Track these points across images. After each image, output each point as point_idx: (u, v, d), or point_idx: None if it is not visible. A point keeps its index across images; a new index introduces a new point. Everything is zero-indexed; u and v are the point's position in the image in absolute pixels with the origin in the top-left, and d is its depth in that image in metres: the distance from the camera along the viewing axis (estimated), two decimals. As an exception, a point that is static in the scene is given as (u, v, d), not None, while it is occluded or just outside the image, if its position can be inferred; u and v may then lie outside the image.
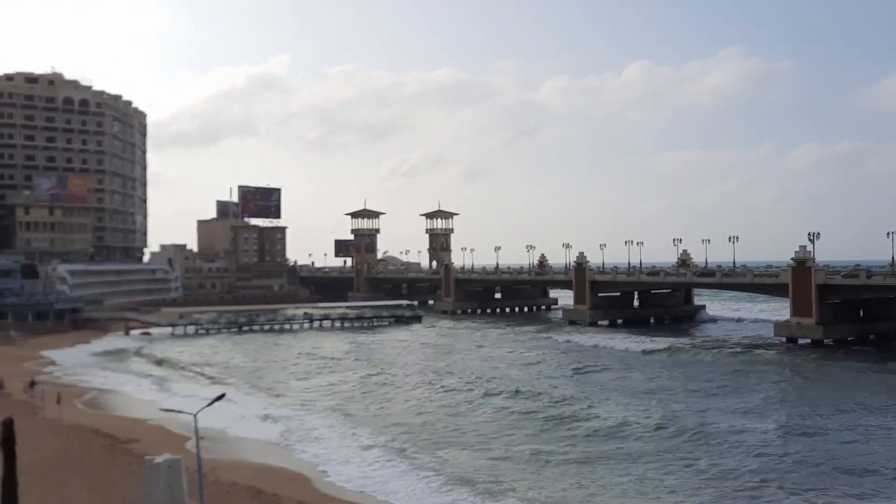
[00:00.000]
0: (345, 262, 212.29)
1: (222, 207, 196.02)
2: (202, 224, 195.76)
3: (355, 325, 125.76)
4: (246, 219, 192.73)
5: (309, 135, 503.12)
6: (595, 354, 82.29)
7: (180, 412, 29.69)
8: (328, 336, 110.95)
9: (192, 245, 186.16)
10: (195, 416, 24.76)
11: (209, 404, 26.71)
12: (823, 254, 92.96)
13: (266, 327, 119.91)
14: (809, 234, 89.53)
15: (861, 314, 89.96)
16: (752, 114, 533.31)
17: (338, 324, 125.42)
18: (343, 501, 32.93)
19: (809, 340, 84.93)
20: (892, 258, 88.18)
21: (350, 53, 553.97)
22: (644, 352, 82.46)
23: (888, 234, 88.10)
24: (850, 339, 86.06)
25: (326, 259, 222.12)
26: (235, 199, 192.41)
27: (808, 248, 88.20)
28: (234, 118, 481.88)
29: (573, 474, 36.67)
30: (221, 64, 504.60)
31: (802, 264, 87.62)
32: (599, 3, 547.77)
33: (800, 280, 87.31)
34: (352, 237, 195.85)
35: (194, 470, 25.19)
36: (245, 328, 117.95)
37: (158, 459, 24.04)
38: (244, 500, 31.00)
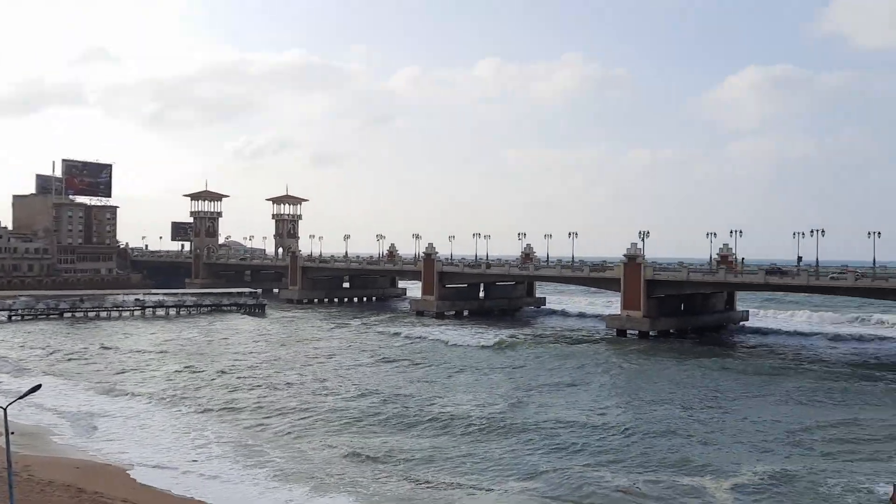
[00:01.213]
0: (182, 246, 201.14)
1: (43, 182, 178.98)
2: (18, 200, 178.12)
3: (192, 312, 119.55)
4: (71, 196, 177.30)
5: (145, 109, 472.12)
6: (432, 348, 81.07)
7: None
8: (162, 324, 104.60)
9: (7, 223, 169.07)
10: (4, 409, 22.06)
11: (21, 397, 24.13)
12: (653, 251, 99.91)
13: (91, 314, 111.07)
14: (640, 232, 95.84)
15: (682, 308, 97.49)
16: (591, 116, 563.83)
17: (173, 311, 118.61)
18: (168, 496, 31.14)
19: (637, 332, 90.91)
20: (710, 257, 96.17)
21: (193, 26, 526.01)
22: (482, 346, 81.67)
23: (707, 234, 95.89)
24: (672, 331, 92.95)
25: (162, 242, 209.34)
26: (59, 173, 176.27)
27: (639, 246, 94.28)
28: (59, 86, 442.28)
29: (401, 470, 36.39)
30: (53, 27, 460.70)
31: (633, 261, 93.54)
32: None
33: (630, 275, 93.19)
34: (191, 220, 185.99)
35: (4, 468, 22.54)
36: (67, 314, 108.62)
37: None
38: (63, 500, 28.24)
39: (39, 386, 25.00)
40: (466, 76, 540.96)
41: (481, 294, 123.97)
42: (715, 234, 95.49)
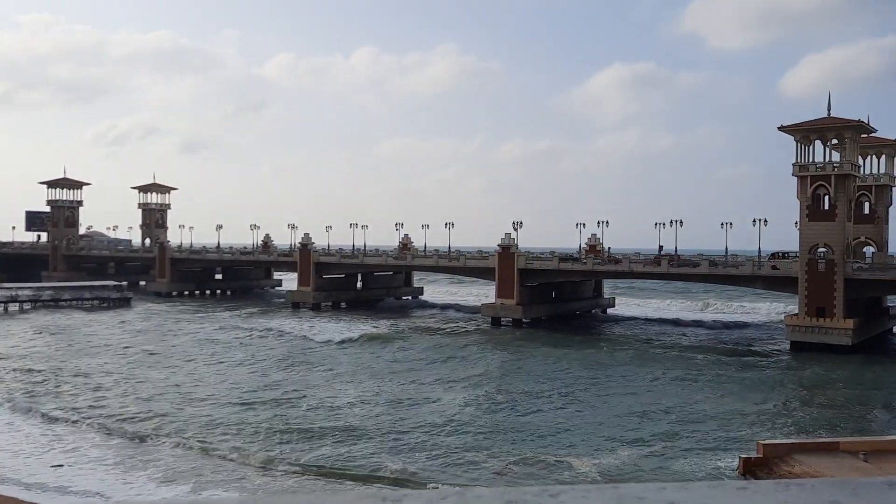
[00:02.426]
0: (39, 237, 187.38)
1: None
2: None
3: (50, 306, 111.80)
4: None
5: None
6: (302, 345, 75.79)
7: None
8: (14, 320, 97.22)
9: None
10: None
11: None
12: (525, 241, 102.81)
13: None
14: (514, 222, 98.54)
15: (553, 296, 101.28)
16: (466, 107, 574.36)
17: (27, 306, 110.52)
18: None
19: (511, 320, 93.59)
20: (579, 247, 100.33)
21: (47, 1, 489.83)
22: (352, 339, 78.88)
23: (577, 224, 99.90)
24: (543, 318, 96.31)
25: (14, 233, 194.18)
26: None
27: (513, 236, 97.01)
28: None
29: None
30: None
31: (507, 250, 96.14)
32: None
33: (504, 264, 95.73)
34: (48, 209, 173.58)
35: None
36: None
37: None
38: None
39: None
40: (342, 65, 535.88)
41: (359, 285, 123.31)
42: (584, 224, 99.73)
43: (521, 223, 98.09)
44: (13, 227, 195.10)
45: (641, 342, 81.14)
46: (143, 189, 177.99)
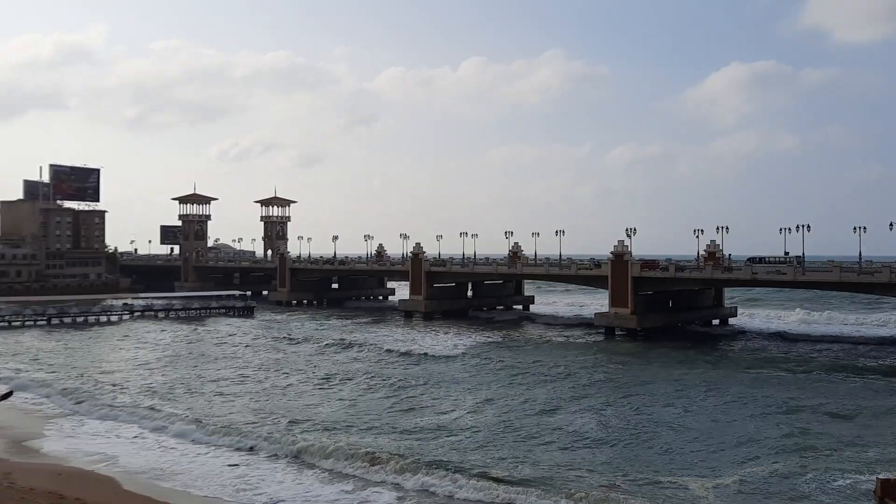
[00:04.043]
0: (171, 249, 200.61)
1: (30, 188, 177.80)
2: (6, 205, 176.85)
3: (181, 315, 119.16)
4: (59, 201, 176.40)
5: (127, 112, 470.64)
6: (418, 357, 74.39)
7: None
8: (150, 328, 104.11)
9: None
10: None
11: None
12: (639, 248, 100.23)
13: (80, 319, 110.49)
14: (627, 229, 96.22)
15: (670, 305, 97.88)
16: (574, 113, 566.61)
17: (161, 315, 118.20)
18: (150, 500, 31.10)
19: (625, 330, 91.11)
20: (697, 254, 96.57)
21: (175, 28, 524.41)
22: (461, 354, 75.52)
23: (695, 231, 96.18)
24: (660, 328, 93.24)
25: (151, 246, 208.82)
26: (46, 178, 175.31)
27: (626, 243, 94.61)
28: (39, 90, 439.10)
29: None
30: (32, 30, 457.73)
31: (621, 258, 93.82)
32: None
33: (618, 273, 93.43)
34: (180, 223, 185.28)
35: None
36: (55, 320, 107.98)
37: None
38: (41, 507, 28.14)
39: (11, 393, 24.98)
40: (450, 76, 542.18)
41: (469, 293, 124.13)
42: (702, 230, 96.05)
43: (635, 230, 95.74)
44: (150, 241, 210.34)
45: (767, 357, 76.03)
46: (265, 203, 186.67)
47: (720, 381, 60.18)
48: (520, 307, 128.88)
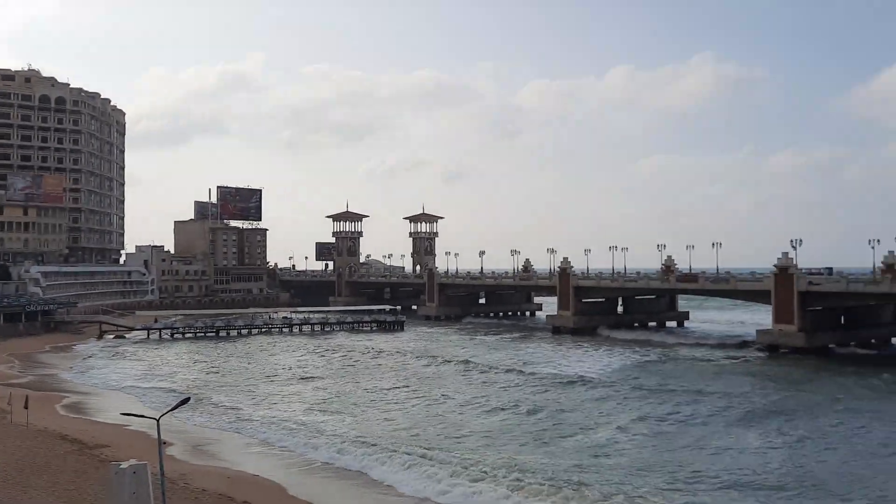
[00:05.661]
0: (326, 265, 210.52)
1: (200, 208, 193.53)
2: (179, 225, 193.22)
3: (336, 329, 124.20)
4: (225, 220, 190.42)
5: (282, 135, 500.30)
6: (569, 379, 68.55)
7: (142, 416, 28.48)
8: (307, 340, 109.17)
9: (169, 246, 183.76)
10: (158, 420, 23.55)
11: (172, 409, 25.99)
12: (804, 260, 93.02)
13: (244, 331, 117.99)
14: (792, 240, 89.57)
15: (842, 321, 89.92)
16: (728, 119, 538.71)
17: (318, 328, 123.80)
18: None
19: (790, 348, 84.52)
20: (873, 266, 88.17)
21: (326, 53, 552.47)
22: (611, 379, 68.57)
23: (870, 241, 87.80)
24: (831, 346, 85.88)
25: (307, 262, 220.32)
26: (214, 199, 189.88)
27: (791, 255, 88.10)
28: (203, 117, 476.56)
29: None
30: (198, 62, 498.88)
31: (785, 271, 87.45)
32: (575, 8, 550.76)
33: (782, 287, 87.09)
34: (333, 240, 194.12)
35: (165, 476, 24.11)
36: (222, 333, 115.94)
37: (124, 465, 22.82)
38: (212, 508, 29.71)
39: (188, 399, 26.66)
40: (594, 86, 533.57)
41: (619, 308, 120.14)
42: (878, 240, 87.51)
43: (801, 241, 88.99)
44: (306, 257, 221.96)
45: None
46: (413, 219, 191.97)
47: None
48: (673, 323, 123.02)
